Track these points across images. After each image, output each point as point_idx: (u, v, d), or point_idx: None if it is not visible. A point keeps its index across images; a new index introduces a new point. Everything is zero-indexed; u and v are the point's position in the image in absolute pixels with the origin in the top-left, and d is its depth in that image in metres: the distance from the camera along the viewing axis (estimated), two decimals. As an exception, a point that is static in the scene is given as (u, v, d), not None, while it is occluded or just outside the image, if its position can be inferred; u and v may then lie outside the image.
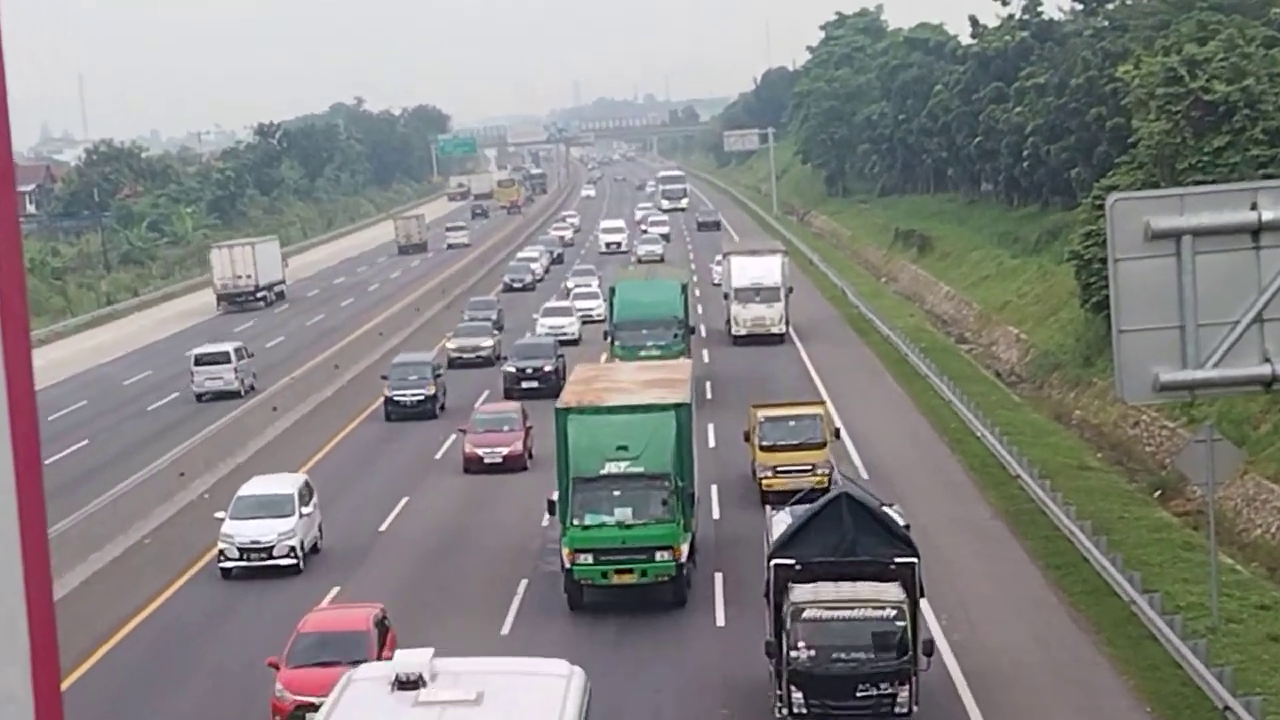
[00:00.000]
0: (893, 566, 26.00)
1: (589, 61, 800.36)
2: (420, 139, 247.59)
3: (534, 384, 57.65)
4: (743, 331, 69.52)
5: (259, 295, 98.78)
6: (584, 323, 74.74)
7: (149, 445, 54.40)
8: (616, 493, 32.80)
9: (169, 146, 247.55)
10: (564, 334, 70.52)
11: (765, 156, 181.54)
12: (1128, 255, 26.77)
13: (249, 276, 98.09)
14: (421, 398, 56.52)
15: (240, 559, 38.17)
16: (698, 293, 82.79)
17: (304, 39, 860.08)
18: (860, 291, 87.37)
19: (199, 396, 63.52)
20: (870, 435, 50.59)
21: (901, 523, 27.52)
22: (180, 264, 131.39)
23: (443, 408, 57.29)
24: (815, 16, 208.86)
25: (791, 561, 25.95)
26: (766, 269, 70.67)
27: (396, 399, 56.78)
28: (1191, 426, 48.19)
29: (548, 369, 58.35)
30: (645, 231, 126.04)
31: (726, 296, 72.23)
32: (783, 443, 41.00)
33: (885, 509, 27.62)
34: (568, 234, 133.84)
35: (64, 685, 30.37)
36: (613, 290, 59.49)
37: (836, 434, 42.56)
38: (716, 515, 41.36)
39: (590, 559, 32.73)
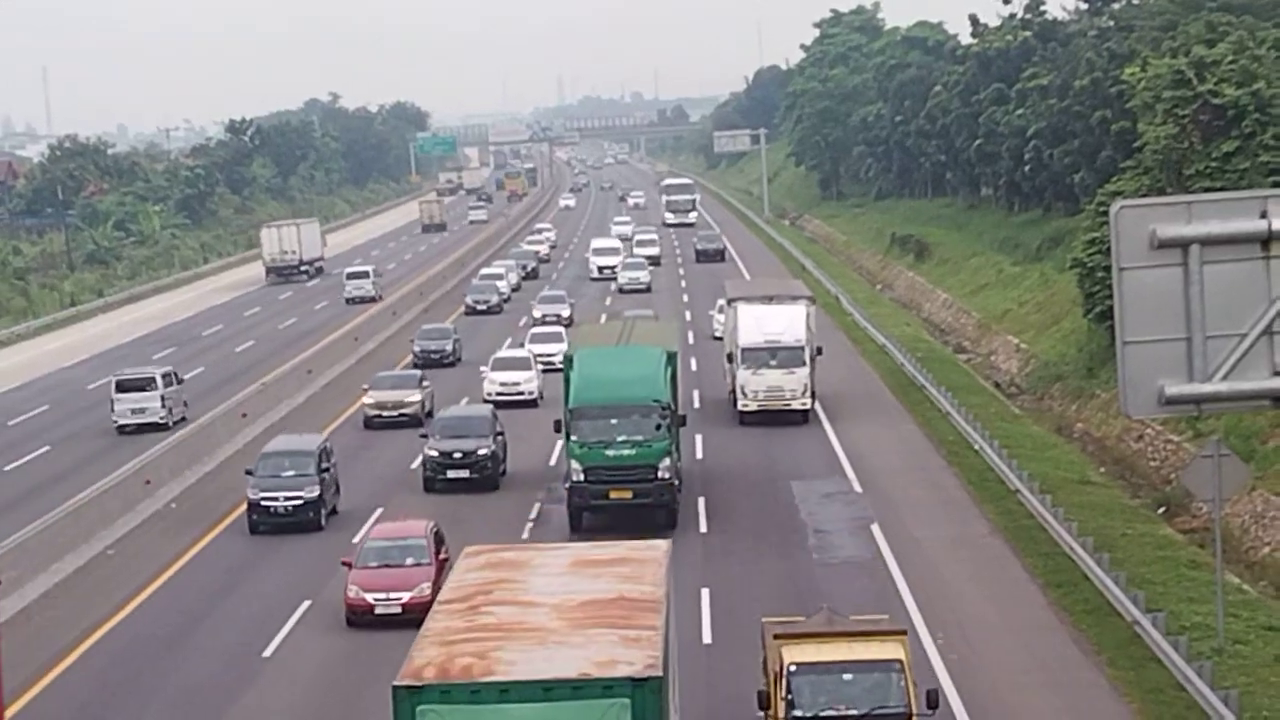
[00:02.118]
0: None
1: (575, 58, 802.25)
2: (398, 137, 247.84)
3: (463, 473, 46.03)
4: (752, 406, 54.36)
5: (302, 269, 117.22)
6: (546, 370, 61.00)
7: (113, 452, 54.33)
8: None
9: (136, 142, 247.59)
10: (519, 393, 58.89)
11: (757, 158, 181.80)
12: (1133, 264, 26.95)
13: (294, 252, 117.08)
14: (300, 502, 42.63)
15: None
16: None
17: (278, 33, 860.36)
18: (855, 299, 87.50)
19: (349, 301, 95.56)
20: (863, 447, 50.66)
21: None
22: (147, 264, 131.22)
23: (333, 512, 43.85)
24: (810, 14, 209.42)
25: None
26: (787, 322, 55.16)
27: (264, 503, 42.64)
28: (1198, 441, 48.36)
29: (483, 452, 46.25)
30: (630, 254, 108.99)
31: (731, 358, 56.39)
32: (833, 714, 23.65)
33: None
34: (543, 249, 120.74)
35: (21, 702, 30.43)
36: (569, 360, 43.36)
37: (933, 703, 23.90)
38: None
39: None
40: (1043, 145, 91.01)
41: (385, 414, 56.60)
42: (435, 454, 46.45)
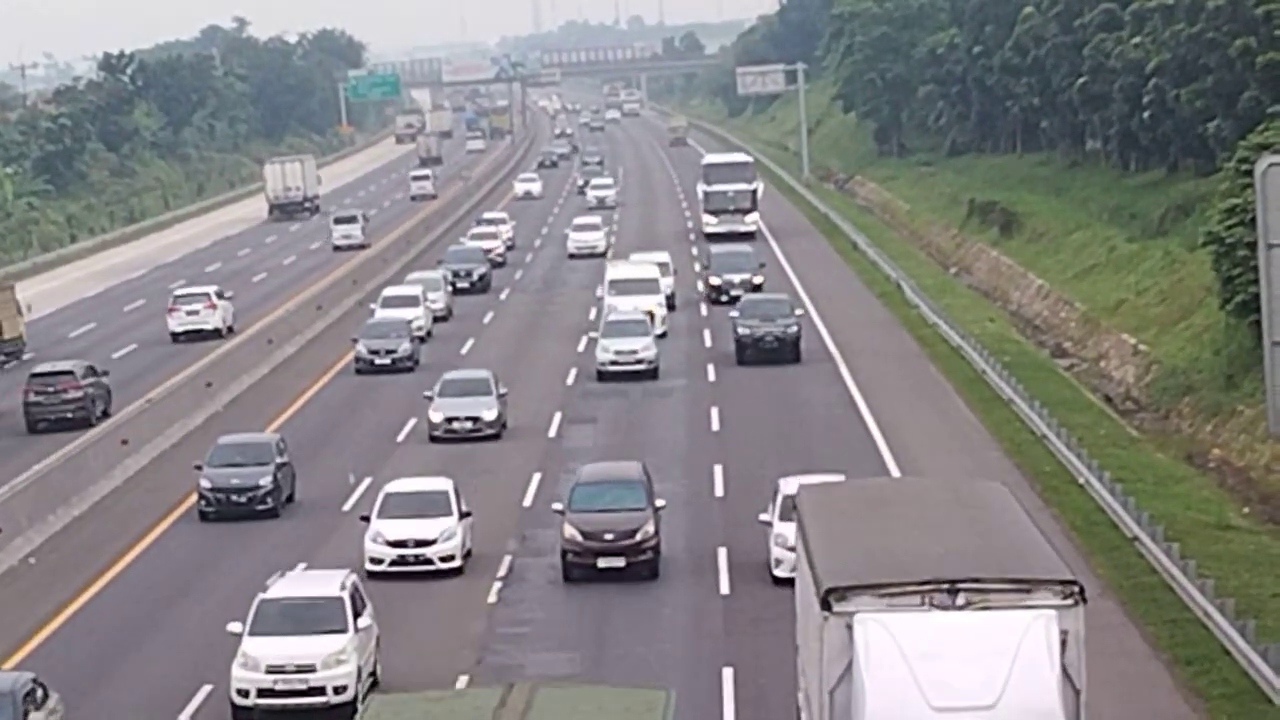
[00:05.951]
0: None
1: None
2: (324, 76, 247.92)
3: None
4: None
5: (306, 206, 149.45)
6: (411, 574, 42.15)
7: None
8: None
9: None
10: (313, 691, 33.55)
11: (793, 102, 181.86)
12: (1285, 239, 27.10)
13: (298, 189, 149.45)
14: None
15: None
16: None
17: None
18: (922, 286, 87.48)
19: (414, 198, 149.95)
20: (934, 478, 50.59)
21: None
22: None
23: None
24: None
25: None
26: (1004, 679, 25.06)
27: None
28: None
29: None
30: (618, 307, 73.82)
31: None
32: None
33: None
34: (496, 247, 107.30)
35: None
36: None
37: None
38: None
39: None
40: (1167, 84, 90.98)
41: None
42: None
